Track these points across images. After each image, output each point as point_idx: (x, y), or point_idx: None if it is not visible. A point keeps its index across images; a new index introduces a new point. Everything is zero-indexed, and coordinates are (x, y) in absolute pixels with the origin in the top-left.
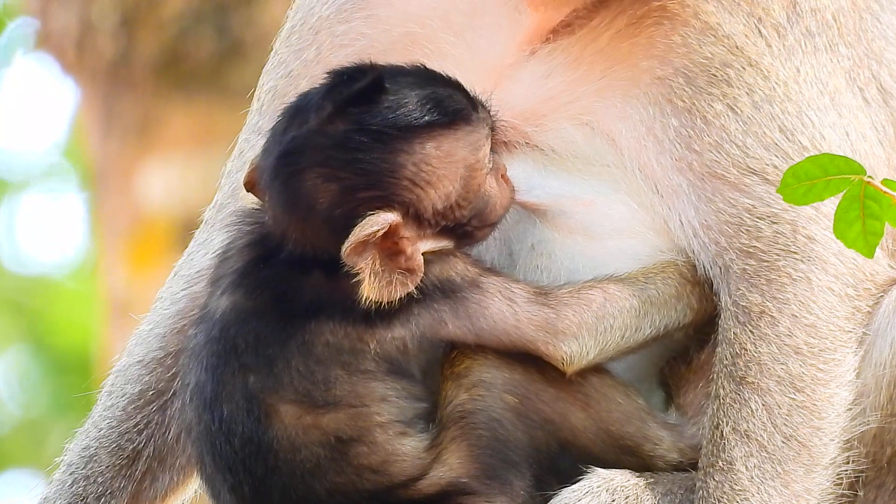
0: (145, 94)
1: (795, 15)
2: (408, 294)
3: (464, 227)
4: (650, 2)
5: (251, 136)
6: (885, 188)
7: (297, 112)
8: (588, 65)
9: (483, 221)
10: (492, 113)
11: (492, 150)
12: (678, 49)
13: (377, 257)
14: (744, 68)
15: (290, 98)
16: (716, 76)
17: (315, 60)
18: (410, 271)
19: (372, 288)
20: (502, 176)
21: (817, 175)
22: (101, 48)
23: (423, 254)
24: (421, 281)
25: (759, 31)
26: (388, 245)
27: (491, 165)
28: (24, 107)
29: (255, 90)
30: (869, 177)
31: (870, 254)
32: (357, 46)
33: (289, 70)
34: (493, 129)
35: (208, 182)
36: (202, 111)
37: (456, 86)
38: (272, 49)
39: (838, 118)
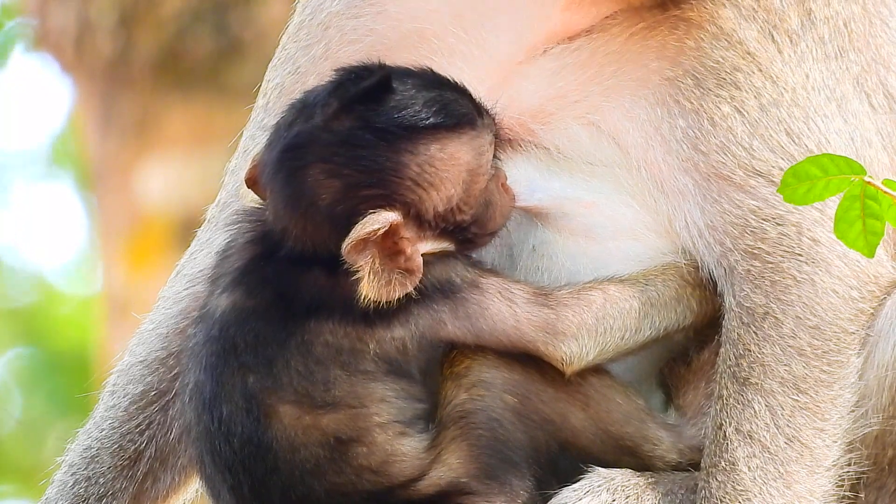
0: (144, 92)
1: (810, 22)
2: (407, 294)
3: (464, 232)
4: (669, 9)
5: (256, 133)
6: (885, 188)
7: (303, 108)
8: (598, 65)
9: (483, 229)
10: (496, 120)
11: (494, 156)
12: (690, 52)
13: (377, 256)
14: (753, 72)
15: (297, 94)
16: (724, 79)
17: (323, 57)
18: (410, 272)
19: (371, 287)
20: (503, 184)
21: (817, 175)
22: (100, 47)
23: (422, 255)
24: (420, 281)
25: (773, 38)
26: (389, 244)
27: (493, 172)
28: (23, 106)
29: (256, 88)
30: (869, 177)
31: (870, 254)
32: (366, 42)
33: (296, 66)
34: (496, 136)
35: (207, 180)
36: (201, 110)
37: (462, 90)
38: (278, 45)
39: (844, 124)
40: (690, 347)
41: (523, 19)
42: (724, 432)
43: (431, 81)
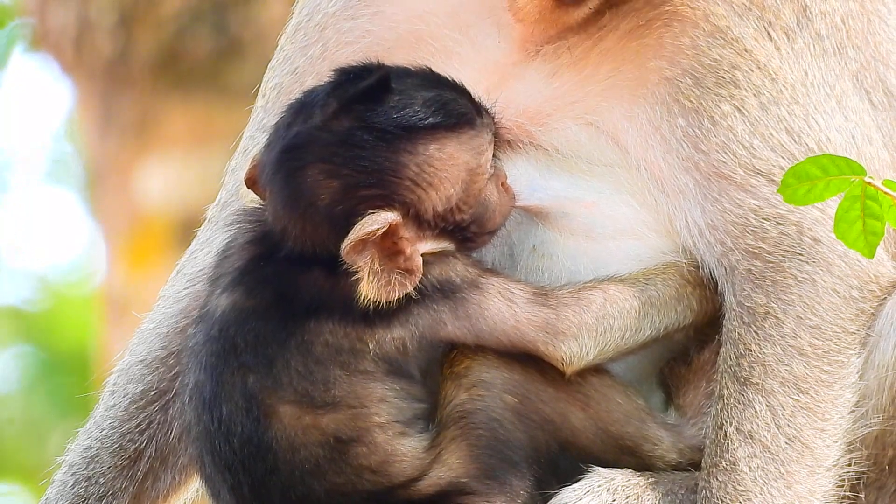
0: (143, 92)
1: (805, 18)
2: (407, 294)
3: (463, 231)
4: (660, 5)
5: (256, 134)
6: (885, 188)
7: (302, 108)
8: (594, 65)
9: (482, 228)
10: (495, 119)
11: (494, 156)
12: (687, 51)
13: (376, 256)
14: (752, 70)
15: (296, 95)
16: (724, 77)
17: (321, 57)
18: (409, 272)
19: (370, 287)
20: (503, 184)
21: (817, 175)
22: (100, 47)
23: (422, 255)
24: (420, 282)
25: (769, 35)
26: (388, 245)
27: (492, 171)
28: (23, 106)
29: (255, 88)
30: (869, 177)
31: (870, 254)
32: (363, 44)
33: (294, 67)
34: (496, 135)
35: (207, 180)
36: (200, 109)
37: (461, 90)
38: (275, 47)
39: (845, 121)
40: (691, 347)
41: (500, 24)
42: (725, 432)
43: (430, 81)
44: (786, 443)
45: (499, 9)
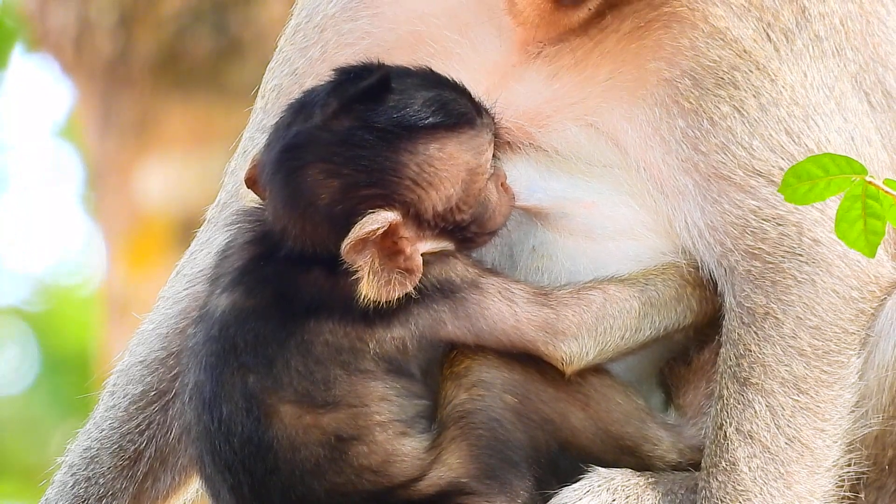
0: (143, 92)
1: (804, 20)
2: (407, 294)
3: (463, 231)
4: (660, 7)
5: (255, 135)
6: (886, 188)
7: (302, 108)
8: (594, 66)
9: (482, 228)
10: (495, 119)
11: (494, 156)
12: (686, 52)
13: (376, 256)
14: (751, 71)
15: (295, 96)
16: (723, 79)
17: (320, 59)
18: (409, 271)
19: (370, 286)
20: (502, 184)
21: (818, 175)
22: (100, 47)
23: (422, 254)
24: (420, 281)
25: (768, 36)
26: (388, 244)
27: (492, 171)
28: (23, 106)
29: (255, 89)
30: (870, 176)
31: (871, 253)
32: (363, 45)
33: (294, 68)
34: (496, 135)
35: (207, 180)
36: (200, 110)
37: (461, 90)
38: (275, 47)
39: (844, 123)
40: (690, 347)
41: (499, 26)
42: (725, 432)
43: (430, 81)
44: (785, 443)
45: (498, 10)
